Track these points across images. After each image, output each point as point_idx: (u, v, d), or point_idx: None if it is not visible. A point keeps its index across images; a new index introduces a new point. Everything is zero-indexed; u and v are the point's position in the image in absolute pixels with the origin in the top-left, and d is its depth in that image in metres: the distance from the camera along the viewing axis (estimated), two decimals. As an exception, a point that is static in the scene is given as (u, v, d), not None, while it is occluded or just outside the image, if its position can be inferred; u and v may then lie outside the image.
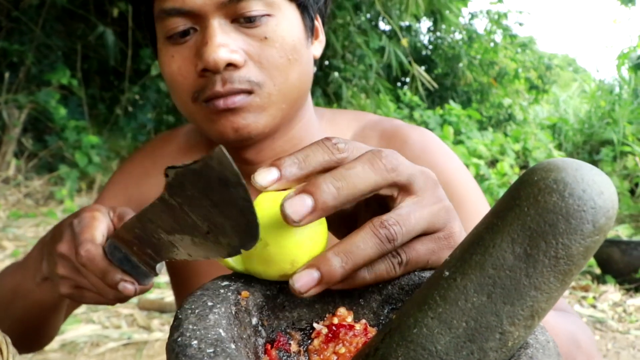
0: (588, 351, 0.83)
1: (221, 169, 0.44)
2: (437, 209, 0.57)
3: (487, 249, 0.43)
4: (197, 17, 0.87)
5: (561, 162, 0.43)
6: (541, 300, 0.42)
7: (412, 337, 0.44)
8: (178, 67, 0.91)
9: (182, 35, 0.89)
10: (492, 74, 9.67)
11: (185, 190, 0.50)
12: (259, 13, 0.87)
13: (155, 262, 0.70)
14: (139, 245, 0.68)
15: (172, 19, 0.88)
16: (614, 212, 0.42)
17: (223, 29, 0.87)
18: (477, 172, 6.16)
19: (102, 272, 0.75)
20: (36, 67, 5.73)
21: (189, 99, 0.92)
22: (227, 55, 0.85)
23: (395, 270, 0.56)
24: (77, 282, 0.82)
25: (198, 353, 0.42)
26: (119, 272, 0.75)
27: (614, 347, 3.03)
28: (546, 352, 0.45)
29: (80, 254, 0.76)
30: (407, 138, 1.04)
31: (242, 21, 0.88)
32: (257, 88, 0.89)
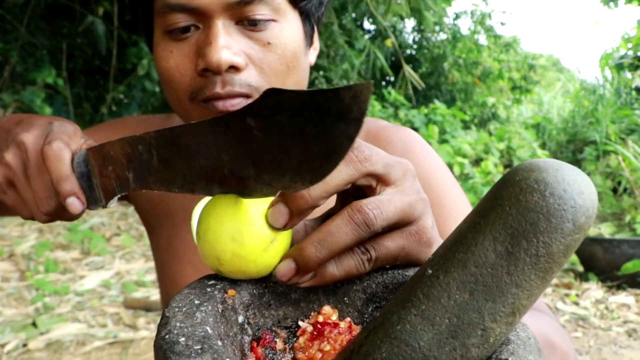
0: (562, 352, 0.83)
1: (351, 102, 0.43)
2: (415, 200, 0.58)
3: (470, 247, 0.44)
4: (202, 16, 0.86)
5: (542, 163, 0.44)
6: (522, 297, 0.43)
7: (395, 333, 0.45)
8: (176, 64, 0.90)
9: (182, 31, 0.88)
10: (476, 74, 9.71)
11: (273, 114, 0.48)
12: (264, 18, 0.87)
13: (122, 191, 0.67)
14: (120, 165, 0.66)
15: (175, 15, 0.87)
16: (593, 211, 0.43)
17: (227, 30, 0.86)
18: (462, 170, 6.18)
19: (60, 175, 0.72)
20: (21, 66, 5.68)
21: (185, 97, 0.91)
22: (230, 58, 0.84)
23: (364, 267, 0.57)
24: (14, 177, 0.78)
25: (185, 350, 0.43)
26: (77, 185, 0.72)
27: (595, 344, 3.06)
28: (527, 347, 0.46)
29: (50, 146, 0.72)
30: (391, 138, 1.05)
31: (246, 24, 0.87)
32: (255, 93, 0.88)
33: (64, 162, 0.72)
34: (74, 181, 0.72)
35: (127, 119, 1.20)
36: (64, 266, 4.08)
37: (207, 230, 0.54)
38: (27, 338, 2.91)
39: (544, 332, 0.82)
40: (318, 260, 0.53)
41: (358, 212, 0.53)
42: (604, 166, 7.04)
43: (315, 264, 0.54)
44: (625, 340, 3.12)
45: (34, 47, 5.85)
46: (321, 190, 0.53)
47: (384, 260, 0.58)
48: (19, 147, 0.77)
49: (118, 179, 0.67)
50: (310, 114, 0.46)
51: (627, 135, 7.17)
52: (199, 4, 0.85)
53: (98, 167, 0.70)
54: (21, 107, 5.47)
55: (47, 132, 0.77)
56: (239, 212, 0.53)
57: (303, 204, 0.53)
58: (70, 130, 0.78)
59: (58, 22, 6.23)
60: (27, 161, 0.77)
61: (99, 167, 0.70)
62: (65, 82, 5.92)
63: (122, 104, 6.59)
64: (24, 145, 0.77)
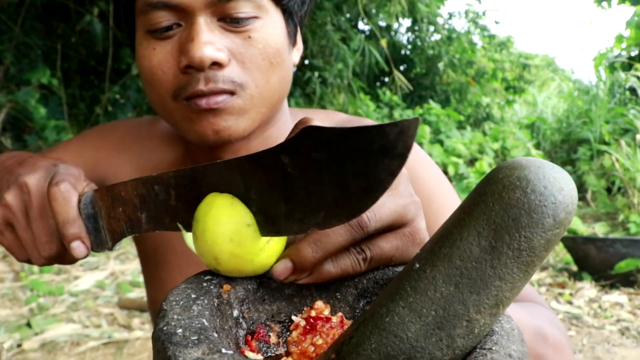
0: (556, 343, 0.85)
1: (397, 137, 0.43)
2: (408, 202, 0.59)
3: (455, 242, 0.45)
4: (184, 13, 0.86)
5: (524, 161, 0.46)
6: (505, 289, 0.44)
7: (384, 325, 0.46)
8: (159, 62, 0.89)
9: (165, 29, 0.88)
10: (471, 73, 9.73)
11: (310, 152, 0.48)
12: (246, 15, 0.87)
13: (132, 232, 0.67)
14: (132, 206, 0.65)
15: (157, 13, 0.87)
16: (573, 207, 0.44)
17: (209, 27, 0.86)
18: (456, 171, 6.20)
19: (67, 218, 0.71)
20: (15, 66, 5.67)
21: (168, 96, 0.90)
22: (213, 53, 0.84)
23: (360, 266, 0.59)
24: (14, 219, 0.77)
25: (183, 340, 0.44)
26: (83, 229, 0.72)
27: (589, 342, 3.08)
28: (510, 338, 0.48)
29: (58, 188, 0.72)
30: None
31: (228, 21, 0.87)
32: (239, 89, 0.88)
33: (72, 205, 0.72)
34: (81, 224, 0.72)
35: (114, 124, 1.19)
36: (58, 267, 4.08)
37: (205, 231, 0.55)
38: (22, 338, 2.91)
39: (536, 323, 0.83)
40: (314, 260, 0.55)
41: None
42: (598, 166, 7.06)
43: (312, 264, 0.55)
44: (618, 339, 3.14)
45: (29, 48, 5.84)
46: (324, 251, 0.55)
47: (378, 260, 0.59)
48: (21, 188, 0.77)
49: (128, 221, 0.66)
50: (351, 151, 0.45)
51: (620, 135, 7.20)
52: (181, 1, 0.85)
53: (106, 209, 0.69)
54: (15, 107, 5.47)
55: (52, 174, 0.76)
56: (236, 213, 0.54)
57: (307, 264, 0.55)
58: (76, 173, 0.77)
59: (53, 23, 6.22)
60: (28, 203, 0.76)
61: (106, 209, 0.69)
62: (60, 83, 5.91)
63: (117, 104, 6.59)
64: (26, 186, 0.76)
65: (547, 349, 0.83)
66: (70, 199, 0.72)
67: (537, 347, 0.82)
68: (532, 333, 0.82)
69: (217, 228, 0.54)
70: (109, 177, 1.11)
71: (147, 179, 0.62)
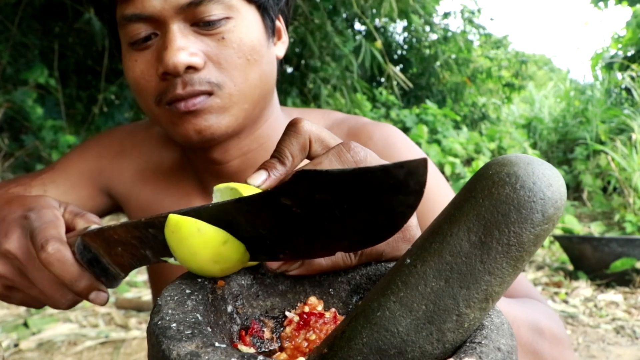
0: (553, 337, 0.85)
1: (407, 178, 0.43)
2: None
3: (445, 237, 0.46)
4: (157, 22, 0.89)
5: (514, 157, 0.46)
6: (495, 284, 0.45)
7: (375, 319, 0.47)
8: (141, 71, 0.92)
9: (144, 40, 0.91)
10: (467, 73, 9.73)
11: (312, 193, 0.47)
12: (217, 17, 0.89)
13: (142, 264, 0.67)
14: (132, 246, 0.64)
15: (134, 25, 0.90)
16: (562, 203, 0.45)
17: (182, 33, 0.88)
18: (453, 170, 6.21)
19: (72, 277, 0.71)
20: (12, 66, 5.66)
21: (152, 102, 0.93)
22: (186, 59, 0.87)
23: (350, 260, 0.60)
24: (14, 283, 0.78)
25: (177, 334, 0.45)
26: (92, 278, 0.72)
27: (584, 341, 3.09)
28: (500, 332, 0.48)
29: (48, 252, 0.71)
30: (372, 134, 1.08)
31: (201, 25, 0.89)
32: (217, 89, 0.91)
33: (70, 263, 0.71)
34: (88, 276, 0.72)
35: (112, 131, 1.21)
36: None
37: (188, 261, 0.55)
38: (19, 338, 2.91)
39: (533, 318, 0.85)
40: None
41: None
42: (594, 165, 7.08)
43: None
44: (613, 337, 3.15)
45: (26, 47, 5.83)
46: None
47: (369, 254, 0.61)
48: (6, 256, 0.76)
49: (133, 257, 0.66)
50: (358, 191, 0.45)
51: (616, 135, 7.21)
52: (152, 11, 0.87)
53: (103, 249, 0.69)
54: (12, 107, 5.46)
55: (29, 231, 0.75)
56: (208, 238, 0.54)
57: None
58: (51, 216, 0.77)
59: (50, 22, 6.21)
60: (22, 266, 0.76)
61: (104, 249, 0.69)
62: (57, 82, 5.90)
63: (114, 104, 6.58)
64: (11, 253, 0.76)
65: (544, 343, 0.84)
66: (65, 258, 0.71)
67: (534, 342, 0.83)
68: (529, 328, 0.83)
69: (197, 257, 0.55)
70: (113, 183, 1.15)
71: (138, 224, 0.62)
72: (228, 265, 0.56)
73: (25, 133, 5.69)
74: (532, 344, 0.82)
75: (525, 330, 0.82)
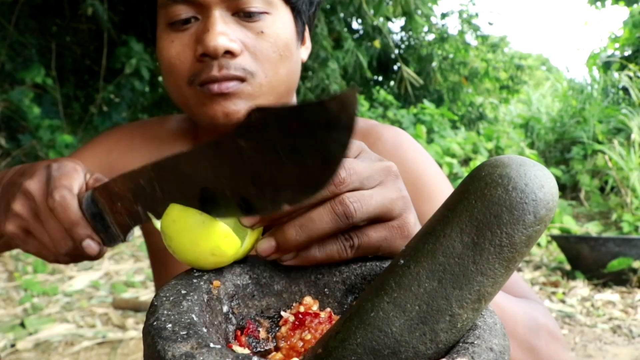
0: (550, 334, 0.87)
1: (339, 111, 0.44)
2: (396, 197, 0.62)
3: (439, 238, 0.47)
4: (201, 7, 0.93)
5: (507, 159, 0.47)
6: (487, 284, 0.45)
7: (369, 320, 0.47)
8: (177, 52, 0.96)
9: (183, 22, 0.95)
10: (464, 73, 9.73)
11: (262, 132, 0.49)
12: (258, 10, 0.94)
13: (136, 223, 0.69)
14: (128, 200, 0.67)
15: (177, 7, 0.94)
16: (554, 204, 0.45)
17: (224, 20, 0.93)
18: (451, 170, 6.21)
19: (71, 222, 0.75)
20: (9, 65, 5.66)
21: (184, 82, 0.97)
22: (226, 43, 0.91)
23: (346, 252, 0.61)
24: (29, 225, 0.80)
25: (172, 335, 0.45)
26: (89, 228, 0.75)
27: (581, 341, 3.10)
28: (493, 332, 0.49)
29: (54, 198, 0.75)
30: (381, 135, 1.11)
31: (241, 15, 0.94)
32: (249, 77, 0.95)
33: (72, 210, 0.75)
34: (86, 225, 0.75)
35: (124, 126, 1.24)
36: (52, 267, 4.08)
37: (185, 252, 0.56)
38: (16, 338, 2.91)
39: (531, 315, 0.86)
40: (296, 242, 0.57)
41: (340, 204, 0.57)
42: (592, 165, 7.09)
43: (294, 246, 0.58)
44: (610, 337, 3.16)
45: (23, 46, 5.83)
46: (308, 236, 0.57)
47: (365, 248, 0.61)
48: (25, 195, 0.80)
49: (129, 214, 0.69)
50: (299, 128, 0.46)
51: (614, 134, 7.22)
52: None
53: (108, 205, 0.72)
54: (9, 106, 5.46)
55: (48, 179, 0.79)
56: (211, 229, 0.55)
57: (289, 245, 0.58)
58: (70, 169, 0.80)
59: (47, 21, 6.21)
60: (36, 208, 0.79)
61: (108, 205, 0.72)
62: (54, 82, 5.90)
63: (112, 103, 6.58)
64: (29, 193, 0.79)
65: (540, 340, 0.85)
66: (68, 205, 0.75)
67: (531, 338, 0.84)
68: (526, 324, 0.84)
69: (197, 248, 0.56)
70: None
71: (132, 174, 0.65)
72: (224, 259, 0.57)
73: (23, 132, 5.68)
74: (528, 340, 0.83)
75: (522, 326, 0.83)
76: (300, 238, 0.57)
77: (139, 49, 5.67)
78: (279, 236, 0.58)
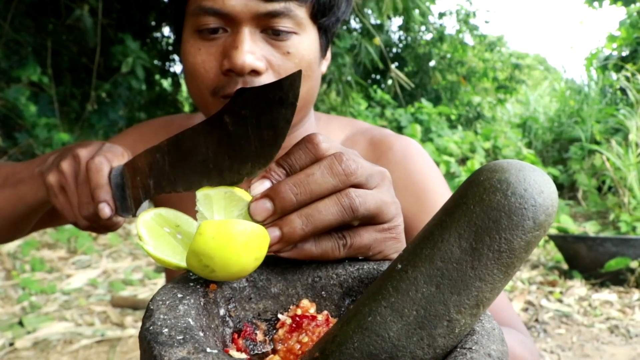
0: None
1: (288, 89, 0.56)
2: (390, 201, 0.64)
3: (436, 243, 0.46)
4: (231, 21, 0.94)
5: (506, 164, 0.47)
6: (485, 290, 0.45)
7: (367, 324, 0.47)
8: (202, 61, 0.97)
9: (211, 32, 0.96)
10: (462, 72, 9.74)
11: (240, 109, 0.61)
12: (287, 29, 0.95)
13: (146, 197, 0.78)
14: (145, 174, 0.76)
15: (207, 17, 0.94)
16: (553, 210, 0.45)
17: (252, 37, 0.94)
18: (448, 169, 6.22)
19: (97, 184, 0.85)
20: (5, 63, 5.64)
21: (207, 92, 0.98)
22: (253, 62, 0.92)
23: (339, 250, 0.62)
24: (66, 182, 0.90)
25: (169, 340, 0.45)
26: (109, 194, 0.85)
27: (578, 340, 3.10)
28: (491, 338, 0.49)
29: (93, 160, 0.86)
30: (392, 145, 1.12)
31: (270, 33, 0.95)
32: None
33: (102, 174, 0.86)
34: (108, 190, 0.85)
35: (151, 121, 1.31)
36: (50, 265, 4.07)
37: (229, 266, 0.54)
38: (14, 337, 2.91)
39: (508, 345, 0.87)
40: (302, 233, 0.58)
41: (346, 196, 0.59)
42: (589, 165, 7.09)
43: (300, 237, 0.58)
44: (607, 337, 3.16)
45: (19, 45, 5.81)
46: (305, 198, 0.58)
47: (357, 248, 0.63)
48: (74, 158, 0.91)
49: (143, 187, 0.78)
50: (263, 105, 0.58)
51: (611, 134, 7.23)
52: (231, 10, 0.93)
53: (130, 179, 0.82)
54: (5, 104, 5.44)
55: (97, 149, 0.91)
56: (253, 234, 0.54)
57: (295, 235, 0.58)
58: (118, 150, 0.92)
59: (43, 19, 6.19)
60: (78, 170, 0.90)
61: (131, 179, 0.82)
62: (50, 80, 5.88)
63: (108, 102, 6.57)
64: (78, 157, 0.91)
65: None
66: (102, 169, 0.86)
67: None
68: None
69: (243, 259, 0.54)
70: None
71: (152, 149, 0.74)
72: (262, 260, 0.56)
73: (19, 131, 5.67)
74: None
75: None
76: (306, 228, 0.58)
77: (135, 47, 5.66)
78: (285, 226, 0.58)
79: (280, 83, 0.56)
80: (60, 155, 0.95)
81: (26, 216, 1.09)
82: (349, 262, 0.64)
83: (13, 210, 1.06)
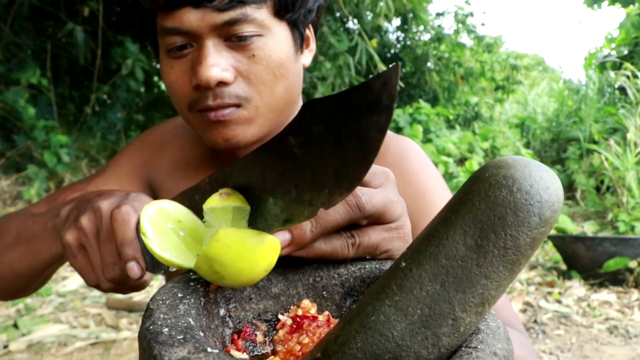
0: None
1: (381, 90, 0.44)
2: (396, 200, 0.63)
3: (441, 240, 0.45)
4: (194, 37, 0.94)
5: (511, 160, 0.46)
6: (491, 288, 0.44)
7: (370, 324, 0.46)
8: (176, 78, 0.98)
9: (180, 48, 0.96)
10: (459, 73, 9.75)
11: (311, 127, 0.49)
12: (249, 34, 0.94)
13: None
14: None
15: (171, 37, 0.95)
16: (559, 206, 0.44)
17: (216, 48, 0.94)
18: (446, 170, 6.21)
19: (124, 239, 0.75)
20: (4, 66, 5.63)
21: (185, 107, 0.99)
22: (218, 74, 0.92)
23: (348, 249, 0.61)
24: (86, 241, 0.80)
25: (169, 339, 0.44)
26: (139, 251, 0.74)
27: (577, 341, 3.10)
28: (496, 336, 0.48)
29: (120, 209, 0.76)
30: (390, 145, 1.12)
31: (234, 40, 0.94)
32: (245, 102, 0.96)
33: (130, 226, 0.75)
34: (137, 246, 0.75)
35: (156, 126, 1.31)
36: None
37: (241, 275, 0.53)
38: (9, 339, 2.90)
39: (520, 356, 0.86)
40: (312, 235, 0.58)
41: (352, 195, 0.58)
42: (588, 165, 7.10)
43: (310, 240, 0.58)
44: (606, 337, 3.15)
45: (18, 47, 5.81)
46: (323, 228, 0.58)
47: (365, 247, 0.62)
48: (94, 212, 0.81)
49: None
50: (344, 116, 0.46)
51: (610, 134, 7.23)
52: (190, 27, 0.93)
53: None
54: (4, 107, 5.44)
55: (121, 200, 0.81)
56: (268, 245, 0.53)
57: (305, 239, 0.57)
58: (143, 197, 0.83)
59: (43, 22, 6.19)
60: (100, 226, 0.80)
61: None
62: (49, 83, 5.88)
63: (107, 104, 6.56)
64: (99, 211, 0.80)
65: None
66: (129, 220, 0.76)
67: None
68: None
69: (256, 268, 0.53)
70: (152, 174, 1.23)
71: (188, 192, 0.66)
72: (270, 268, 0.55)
73: (17, 133, 5.66)
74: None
75: None
76: (315, 230, 0.57)
77: (134, 49, 5.67)
78: (295, 230, 0.57)
79: (368, 84, 0.44)
80: (77, 207, 0.86)
81: (43, 272, 1.02)
82: (351, 262, 0.64)
83: (29, 268, 1.00)
